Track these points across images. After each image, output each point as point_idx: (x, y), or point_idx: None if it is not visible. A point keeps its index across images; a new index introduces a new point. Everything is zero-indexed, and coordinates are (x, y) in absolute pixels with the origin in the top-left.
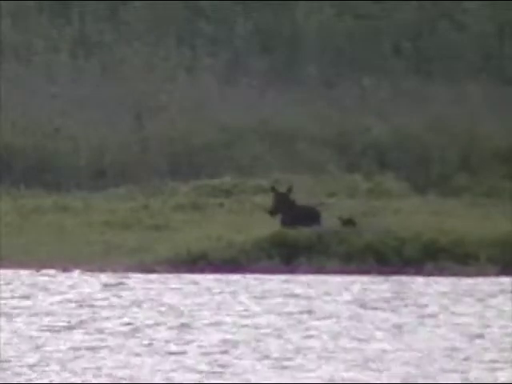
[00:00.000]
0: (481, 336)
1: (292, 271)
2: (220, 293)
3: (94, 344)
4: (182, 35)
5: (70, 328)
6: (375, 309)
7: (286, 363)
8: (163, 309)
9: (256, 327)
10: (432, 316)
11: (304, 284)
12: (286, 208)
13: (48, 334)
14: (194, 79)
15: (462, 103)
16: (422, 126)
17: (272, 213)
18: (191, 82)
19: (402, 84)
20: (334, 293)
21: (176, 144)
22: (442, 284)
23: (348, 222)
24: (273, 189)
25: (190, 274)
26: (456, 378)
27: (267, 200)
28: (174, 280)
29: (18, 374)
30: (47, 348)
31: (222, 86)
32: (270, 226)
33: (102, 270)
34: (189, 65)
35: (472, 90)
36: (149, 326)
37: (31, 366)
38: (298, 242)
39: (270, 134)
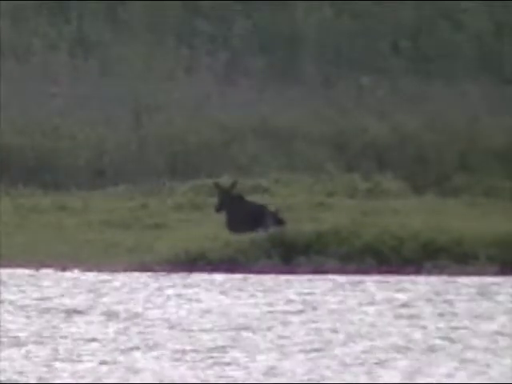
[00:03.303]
0: (480, 334)
1: (291, 271)
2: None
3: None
4: (181, 34)
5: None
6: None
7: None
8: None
9: (254, 326)
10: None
11: (303, 283)
12: (232, 206)
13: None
14: (193, 78)
15: (460, 103)
16: (420, 125)
17: (217, 210)
18: (190, 82)
19: (401, 83)
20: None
21: (175, 143)
22: (441, 283)
23: (280, 222)
24: (216, 185)
25: (189, 273)
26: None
27: (266, 199)
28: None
29: None
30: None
31: (220, 85)
32: None
33: (100, 269)
34: (187, 64)
35: (471, 90)
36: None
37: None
38: (296, 242)
39: (269, 134)
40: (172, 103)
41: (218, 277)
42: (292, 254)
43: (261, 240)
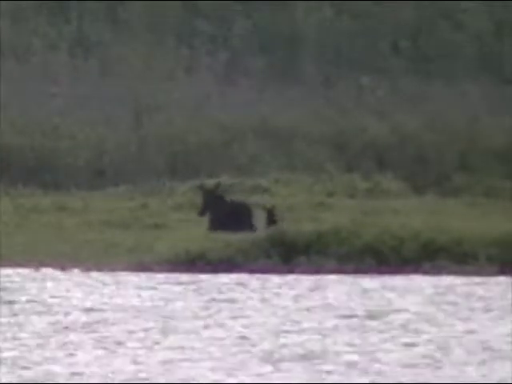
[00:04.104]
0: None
1: (291, 271)
2: (219, 292)
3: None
4: (181, 34)
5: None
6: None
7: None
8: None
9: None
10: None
11: (303, 283)
12: (215, 206)
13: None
14: (193, 78)
15: (460, 102)
16: (420, 125)
17: (201, 213)
18: (190, 82)
19: (401, 83)
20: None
21: (174, 143)
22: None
23: (272, 221)
24: (201, 187)
25: (189, 273)
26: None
27: (266, 199)
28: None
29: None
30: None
31: (220, 85)
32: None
33: (100, 269)
34: (187, 64)
35: (471, 90)
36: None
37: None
38: (296, 242)
39: (269, 134)
40: (172, 103)
41: (218, 276)
42: (292, 254)
43: (261, 240)
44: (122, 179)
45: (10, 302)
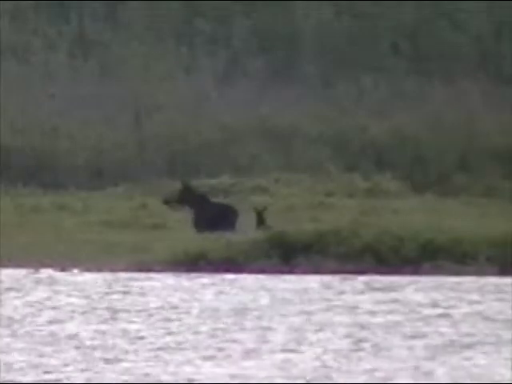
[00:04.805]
0: (480, 335)
1: (290, 271)
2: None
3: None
4: (181, 34)
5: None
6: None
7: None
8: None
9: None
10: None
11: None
12: (200, 206)
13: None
14: (193, 78)
15: (460, 102)
16: (420, 125)
17: (166, 201)
18: (189, 82)
19: (400, 83)
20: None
21: (174, 143)
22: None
23: (261, 222)
24: (183, 182)
25: (188, 273)
26: None
27: (266, 199)
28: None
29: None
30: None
31: (220, 85)
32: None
33: (100, 269)
34: (187, 64)
35: (470, 90)
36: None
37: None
38: (296, 242)
39: (269, 134)
40: (171, 103)
41: (218, 277)
42: (292, 254)
43: (260, 240)
44: (121, 179)
45: (15, 304)
